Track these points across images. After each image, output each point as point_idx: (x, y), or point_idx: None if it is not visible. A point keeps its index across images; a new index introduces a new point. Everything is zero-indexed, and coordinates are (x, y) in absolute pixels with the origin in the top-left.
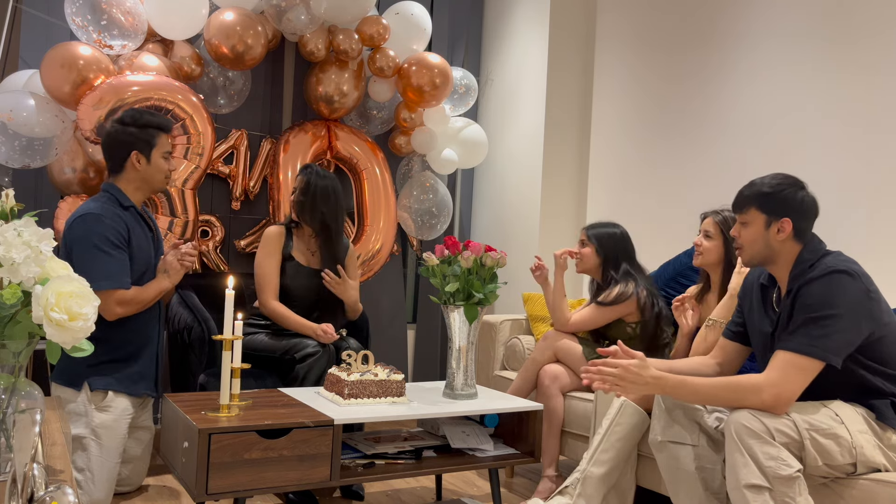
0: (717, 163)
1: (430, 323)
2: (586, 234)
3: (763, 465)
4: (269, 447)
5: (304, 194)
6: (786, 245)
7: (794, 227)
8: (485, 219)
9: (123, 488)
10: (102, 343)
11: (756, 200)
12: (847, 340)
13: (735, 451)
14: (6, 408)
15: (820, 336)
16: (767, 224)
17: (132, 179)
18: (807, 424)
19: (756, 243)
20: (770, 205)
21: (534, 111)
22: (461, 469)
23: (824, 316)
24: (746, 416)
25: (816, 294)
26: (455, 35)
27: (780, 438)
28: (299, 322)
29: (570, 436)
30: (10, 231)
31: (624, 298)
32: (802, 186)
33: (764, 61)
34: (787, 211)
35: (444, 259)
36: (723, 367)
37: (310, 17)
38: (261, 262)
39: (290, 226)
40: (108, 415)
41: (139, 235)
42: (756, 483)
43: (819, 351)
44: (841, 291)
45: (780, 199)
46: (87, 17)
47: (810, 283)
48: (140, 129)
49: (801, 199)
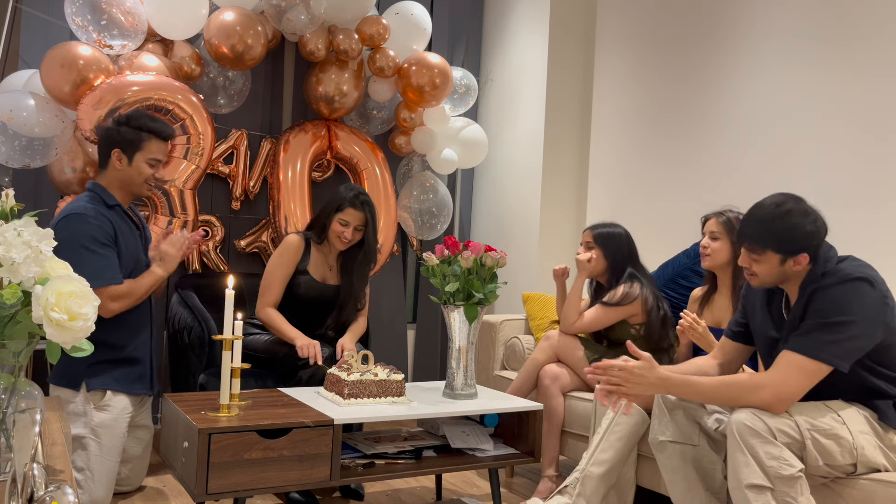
0: (717, 163)
1: (430, 323)
2: (592, 235)
3: (765, 465)
4: (269, 447)
5: (367, 226)
6: (801, 269)
7: (811, 256)
8: (485, 219)
9: (123, 488)
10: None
11: (769, 243)
12: (858, 347)
13: (737, 451)
14: (6, 408)
15: (830, 342)
16: (783, 261)
17: (113, 179)
18: (808, 425)
19: (771, 274)
20: (785, 245)
21: (534, 111)
22: (461, 469)
23: (838, 322)
24: (748, 415)
25: (832, 300)
26: (455, 35)
27: (782, 438)
28: (287, 332)
29: (570, 436)
30: (10, 231)
31: (630, 299)
32: (810, 213)
33: (764, 61)
34: (803, 248)
35: (444, 259)
36: (723, 367)
37: (310, 16)
38: (272, 268)
39: (310, 238)
40: (108, 414)
41: (126, 234)
42: (758, 483)
43: (827, 356)
44: (858, 299)
45: (794, 238)
46: (87, 17)
47: (826, 289)
48: (130, 129)
49: (813, 232)
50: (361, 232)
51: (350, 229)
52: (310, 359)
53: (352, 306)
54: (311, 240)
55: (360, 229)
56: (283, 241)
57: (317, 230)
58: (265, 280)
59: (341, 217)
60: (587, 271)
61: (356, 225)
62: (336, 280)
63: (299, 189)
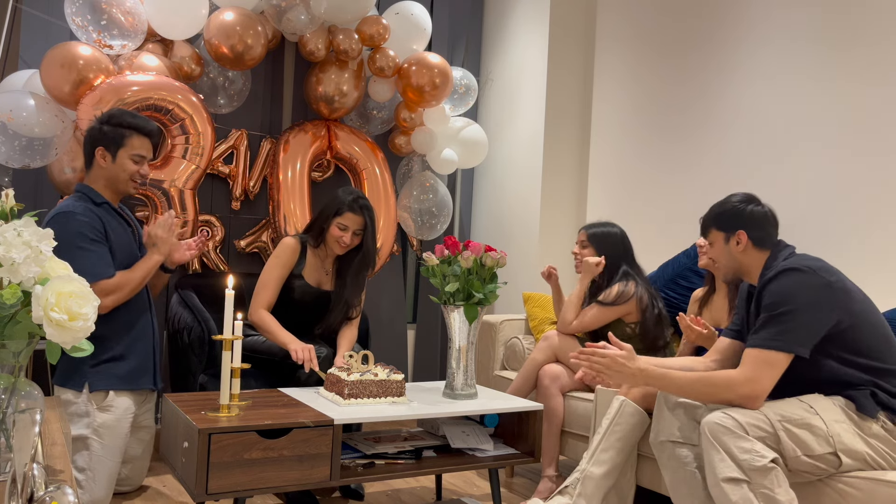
0: (716, 163)
1: (430, 323)
2: (586, 235)
3: (738, 459)
4: (269, 447)
5: (366, 231)
6: (748, 255)
7: (750, 236)
8: (485, 219)
9: (123, 488)
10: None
11: (712, 221)
12: (811, 332)
13: (711, 449)
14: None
15: (782, 331)
16: (727, 239)
17: (98, 177)
18: (778, 416)
19: (722, 258)
20: (723, 222)
21: (534, 111)
22: (461, 469)
23: (782, 312)
24: (719, 415)
25: (772, 293)
26: (455, 35)
27: (755, 433)
28: (280, 337)
29: (570, 436)
30: (10, 231)
31: (625, 298)
32: (752, 200)
33: (764, 62)
34: (740, 224)
35: (444, 259)
36: (719, 365)
37: (310, 16)
38: (268, 269)
39: (306, 241)
40: (110, 415)
41: (116, 230)
42: (733, 476)
43: (782, 344)
44: (794, 287)
45: (731, 215)
46: (86, 17)
47: (768, 284)
48: (113, 127)
49: (749, 212)
50: (360, 236)
51: (349, 234)
52: (304, 364)
53: (341, 312)
54: (308, 243)
55: (358, 234)
56: (279, 244)
57: (314, 234)
58: (260, 282)
59: (340, 221)
60: (591, 273)
61: (355, 229)
62: (331, 286)
63: (299, 189)
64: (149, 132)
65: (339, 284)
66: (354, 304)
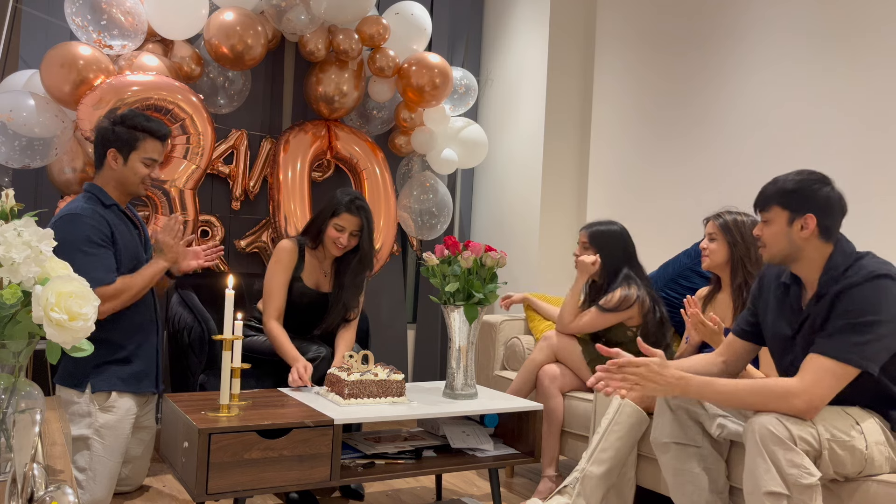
0: (717, 162)
1: (430, 323)
2: (587, 235)
3: (785, 473)
4: (269, 447)
5: (363, 232)
6: (810, 243)
7: (819, 224)
8: (485, 219)
9: (124, 488)
10: (101, 343)
11: (778, 198)
12: (887, 347)
13: (757, 456)
14: (6, 408)
15: (860, 343)
16: (790, 221)
17: (109, 179)
18: (829, 434)
19: (779, 241)
20: (793, 201)
21: (534, 111)
22: (461, 469)
23: (867, 322)
24: (772, 420)
25: (859, 299)
26: (455, 35)
27: (802, 446)
28: (289, 353)
29: (570, 436)
30: (10, 231)
31: (628, 304)
32: (828, 182)
33: (764, 61)
34: (811, 207)
35: (444, 259)
36: (728, 366)
37: (310, 17)
38: (270, 275)
39: (304, 243)
40: (112, 415)
41: (123, 233)
42: (776, 490)
43: (857, 358)
44: (886, 297)
45: (804, 195)
46: (86, 17)
47: (852, 288)
48: (126, 129)
49: (825, 195)
50: (357, 237)
51: (345, 235)
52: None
53: (339, 314)
54: (306, 245)
55: (355, 235)
56: (276, 248)
57: (312, 235)
58: (266, 290)
59: (337, 222)
60: (587, 272)
61: (352, 230)
62: (330, 287)
63: (299, 189)
64: (162, 136)
65: (338, 286)
66: (352, 306)
